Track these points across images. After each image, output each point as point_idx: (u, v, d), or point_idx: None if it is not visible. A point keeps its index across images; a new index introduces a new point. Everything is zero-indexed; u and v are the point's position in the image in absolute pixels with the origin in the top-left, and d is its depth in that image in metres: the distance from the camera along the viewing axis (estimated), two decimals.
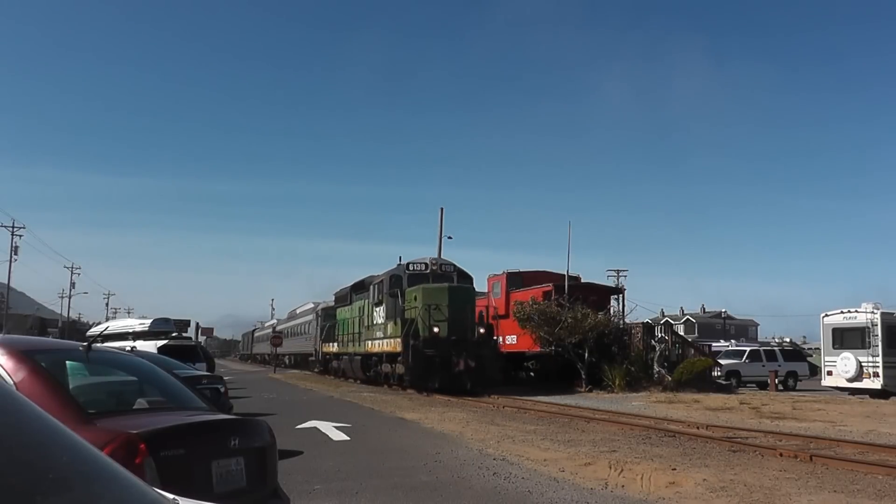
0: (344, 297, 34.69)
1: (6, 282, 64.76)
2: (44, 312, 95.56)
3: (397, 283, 26.28)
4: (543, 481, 8.11)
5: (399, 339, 24.01)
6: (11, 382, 3.64)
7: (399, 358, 24.18)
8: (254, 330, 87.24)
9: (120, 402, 4.68)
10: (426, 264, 26.56)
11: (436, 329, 23.39)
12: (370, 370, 28.76)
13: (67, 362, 4.41)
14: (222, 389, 14.06)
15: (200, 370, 16.92)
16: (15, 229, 62.97)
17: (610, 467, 8.83)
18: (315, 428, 13.13)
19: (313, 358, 43.46)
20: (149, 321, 30.93)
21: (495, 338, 26.65)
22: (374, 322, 27.91)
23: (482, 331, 24.72)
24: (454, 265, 26.96)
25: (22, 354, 4.01)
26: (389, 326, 25.86)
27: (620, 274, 66.66)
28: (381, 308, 27.10)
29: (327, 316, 38.69)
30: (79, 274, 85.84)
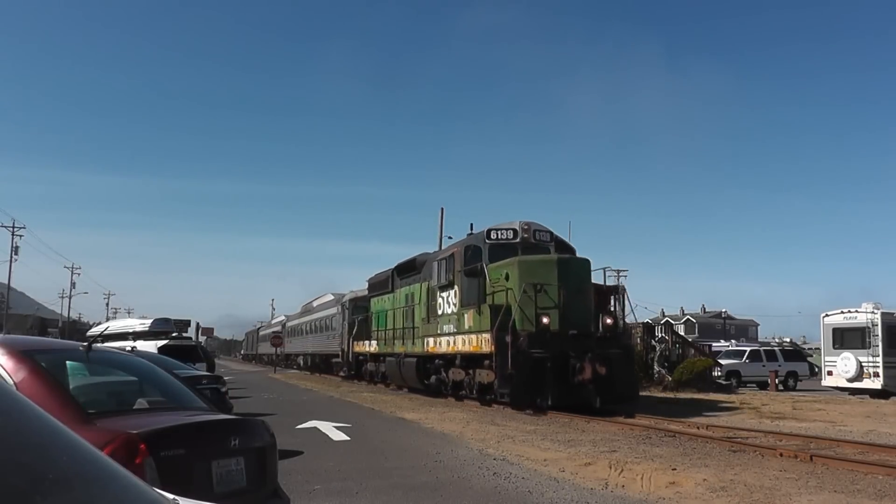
0: (382, 284, 27.77)
1: (6, 282, 64.75)
2: (44, 312, 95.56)
3: (475, 256, 19.07)
4: (543, 481, 8.11)
5: (487, 335, 16.89)
6: (11, 382, 3.64)
7: (487, 361, 17.18)
8: (258, 328, 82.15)
9: (120, 402, 4.68)
10: (515, 230, 19.25)
11: (545, 319, 16.59)
12: (429, 377, 21.77)
13: (67, 362, 4.41)
14: (222, 389, 14.08)
15: (200, 370, 16.93)
16: (15, 229, 62.97)
17: (610, 467, 8.82)
18: (315, 428, 13.13)
19: (338, 359, 36.13)
20: (149, 321, 30.88)
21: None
22: (441, 311, 20.69)
23: (609, 321, 17.57)
24: (551, 232, 19.70)
25: (22, 354, 4.01)
26: (468, 317, 18.64)
27: (620, 274, 66.60)
28: (452, 292, 19.96)
29: (357, 308, 32.26)
30: (79, 274, 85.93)
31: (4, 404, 1.53)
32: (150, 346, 18.69)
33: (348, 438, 11.78)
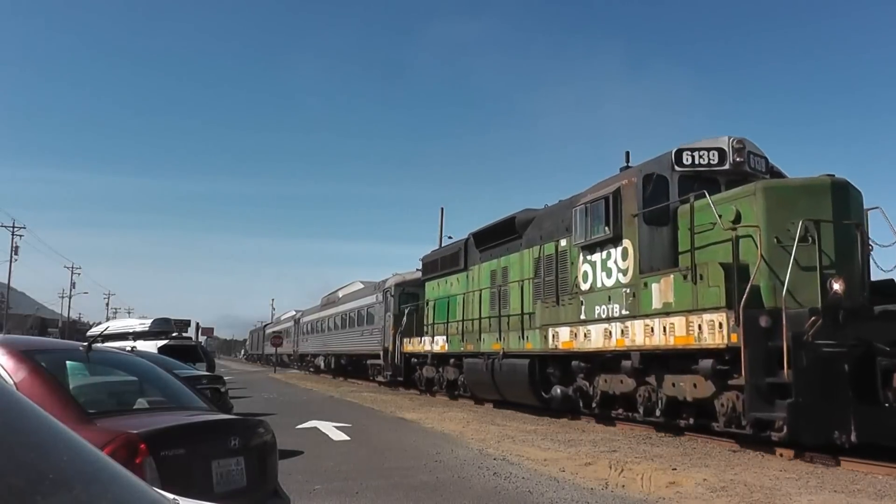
0: (449, 260, 21.51)
1: (6, 282, 64.82)
2: (44, 312, 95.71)
3: (659, 192, 12.41)
4: (544, 481, 8.11)
5: (717, 316, 10.07)
6: (12, 382, 3.64)
7: (709, 361, 10.40)
8: (265, 326, 76.33)
9: (120, 402, 4.69)
10: (721, 151, 12.35)
11: (836, 286, 9.80)
12: (549, 387, 14.96)
13: (68, 362, 4.41)
14: (222, 389, 14.10)
15: (200, 370, 16.94)
16: (15, 229, 63.04)
17: (610, 467, 8.82)
18: (315, 428, 13.14)
19: (379, 361, 28.73)
20: (149, 321, 30.88)
21: None
22: (589, 285, 13.58)
23: None
24: (766, 158, 12.83)
25: (22, 354, 4.01)
26: (660, 288, 11.49)
27: None
28: (616, 252, 12.79)
29: (406, 295, 26.58)
30: (79, 274, 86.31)
31: (4, 404, 1.53)
32: (150, 346, 18.69)
33: (348, 438, 11.79)
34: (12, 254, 62.84)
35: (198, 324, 56.32)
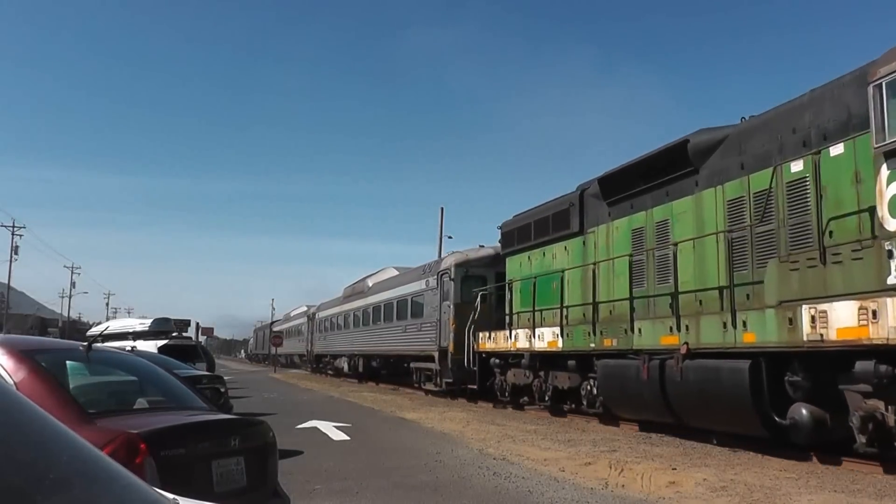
0: (548, 224, 16.10)
1: (6, 282, 64.85)
2: (44, 312, 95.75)
3: None
4: (544, 481, 8.11)
5: None
6: (12, 382, 3.64)
7: None
8: (272, 323, 70.27)
9: (120, 402, 4.69)
10: None
11: None
12: (782, 406, 9.05)
13: (68, 362, 4.41)
14: (222, 389, 14.11)
15: (200, 370, 16.94)
16: (15, 229, 63.07)
17: (610, 467, 8.82)
18: (315, 428, 13.14)
19: (431, 365, 22.33)
20: (149, 321, 30.92)
21: None
22: None
23: None
24: None
25: (22, 354, 4.01)
26: None
27: None
28: None
29: (469, 280, 21.07)
30: (79, 274, 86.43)
31: (5, 404, 1.53)
32: (150, 346, 18.69)
33: (348, 438, 11.79)
34: (12, 254, 62.93)
35: (198, 324, 56.28)
